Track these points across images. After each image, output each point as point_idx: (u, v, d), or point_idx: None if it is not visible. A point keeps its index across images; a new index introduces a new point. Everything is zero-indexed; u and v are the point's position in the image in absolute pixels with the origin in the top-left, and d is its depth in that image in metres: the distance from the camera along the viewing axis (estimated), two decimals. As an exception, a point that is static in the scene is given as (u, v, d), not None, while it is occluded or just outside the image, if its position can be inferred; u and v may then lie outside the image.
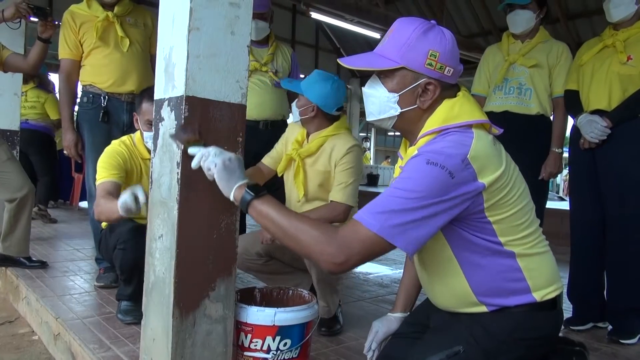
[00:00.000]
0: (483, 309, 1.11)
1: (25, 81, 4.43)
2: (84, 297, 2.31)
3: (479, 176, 1.00)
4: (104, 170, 2.00)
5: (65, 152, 2.60)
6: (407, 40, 1.08)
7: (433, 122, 1.09)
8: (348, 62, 1.16)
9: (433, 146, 1.03)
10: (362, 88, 1.18)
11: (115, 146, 2.09)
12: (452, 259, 1.10)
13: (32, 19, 2.51)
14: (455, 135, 1.05)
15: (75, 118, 2.63)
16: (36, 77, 4.72)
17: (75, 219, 5.06)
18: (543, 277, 1.11)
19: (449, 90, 1.12)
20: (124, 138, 2.14)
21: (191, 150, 1.19)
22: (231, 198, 1.14)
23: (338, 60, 1.26)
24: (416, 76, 1.09)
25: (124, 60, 2.53)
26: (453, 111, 1.08)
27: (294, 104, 2.09)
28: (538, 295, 1.09)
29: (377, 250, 0.99)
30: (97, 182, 1.99)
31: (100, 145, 2.54)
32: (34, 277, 2.60)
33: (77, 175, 5.55)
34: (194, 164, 1.18)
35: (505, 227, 1.06)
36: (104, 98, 2.53)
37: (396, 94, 1.11)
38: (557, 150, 2.38)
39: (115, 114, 2.56)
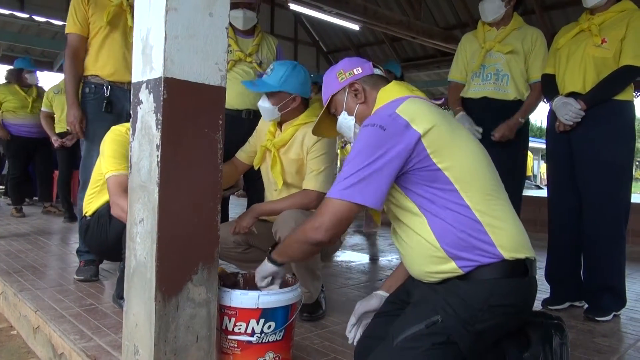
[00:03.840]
0: (453, 266, 1.15)
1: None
2: (64, 290, 2.28)
3: (413, 124, 1.17)
4: (117, 161, 1.93)
5: (68, 127, 2.53)
6: (324, 82, 1.48)
7: (376, 107, 1.34)
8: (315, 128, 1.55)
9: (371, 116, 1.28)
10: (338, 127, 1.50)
11: (123, 133, 2.04)
12: (415, 211, 1.20)
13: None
14: (388, 104, 1.28)
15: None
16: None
17: (52, 214, 4.98)
18: (510, 240, 1.16)
19: (375, 79, 1.42)
20: (128, 124, 2.06)
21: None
22: (270, 268, 1.43)
23: (312, 133, 1.59)
24: (342, 91, 1.44)
25: (129, 50, 2.49)
26: (385, 94, 1.34)
27: (264, 104, 1.99)
28: (506, 253, 1.14)
29: (345, 214, 1.18)
30: (110, 174, 1.94)
31: (102, 137, 2.49)
32: (11, 272, 2.54)
33: (56, 171, 5.44)
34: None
35: (458, 175, 1.17)
36: (107, 88, 2.50)
37: (344, 112, 1.44)
38: (519, 119, 2.44)
39: (118, 104, 2.53)
